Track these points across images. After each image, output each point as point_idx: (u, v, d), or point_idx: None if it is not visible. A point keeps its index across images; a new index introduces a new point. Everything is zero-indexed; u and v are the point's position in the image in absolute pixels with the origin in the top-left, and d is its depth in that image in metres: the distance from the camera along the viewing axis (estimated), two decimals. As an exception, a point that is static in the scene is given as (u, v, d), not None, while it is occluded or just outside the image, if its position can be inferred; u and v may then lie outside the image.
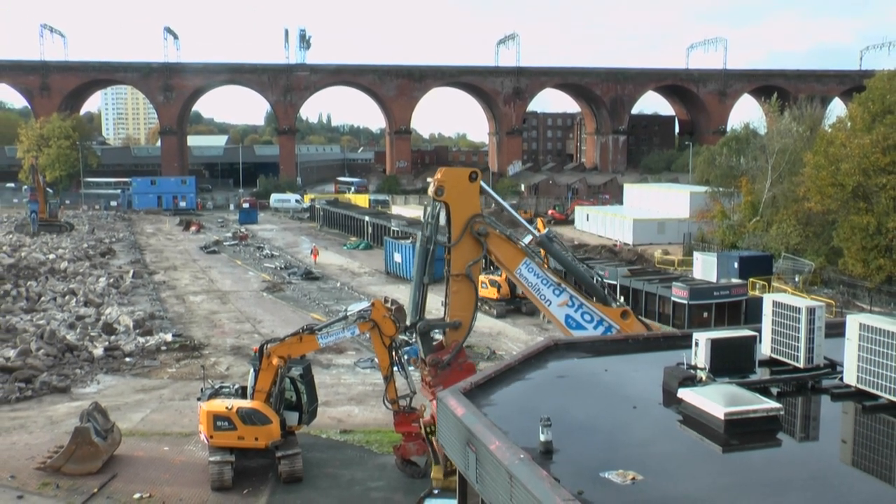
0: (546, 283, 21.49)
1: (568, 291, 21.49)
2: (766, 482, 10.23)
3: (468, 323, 21.19)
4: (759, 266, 55.33)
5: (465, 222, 20.98)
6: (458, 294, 21.08)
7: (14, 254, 74.85)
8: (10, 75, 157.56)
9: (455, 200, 21.02)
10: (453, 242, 20.99)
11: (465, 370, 20.63)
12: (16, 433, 31.60)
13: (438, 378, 20.32)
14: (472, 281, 21.11)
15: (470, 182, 21.29)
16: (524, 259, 21.61)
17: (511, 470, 9.98)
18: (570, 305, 21.36)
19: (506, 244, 21.64)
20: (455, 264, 21.01)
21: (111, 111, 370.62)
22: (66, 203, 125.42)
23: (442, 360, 20.38)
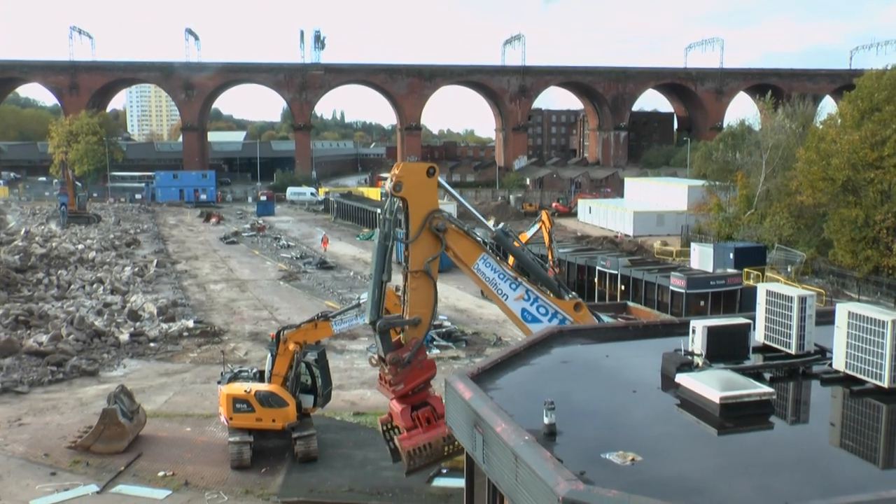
0: (503, 278, 20.79)
1: (524, 286, 20.76)
2: (758, 463, 10.25)
3: (427, 320, 20.02)
4: (753, 257, 55.18)
5: (423, 218, 19.85)
6: (417, 291, 19.98)
7: (46, 244, 75.05)
8: (41, 75, 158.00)
9: (413, 196, 19.83)
10: (412, 238, 19.88)
11: (425, 368, 19.71)
12: (48, 414, 31.78)
13: (399, 376, 19.28)
14: (431, 277, 20.02)
15: (428, 177, 20.12)
16: (482, 254, 20.71)
17: (516, 451, 10.02)
18: (526, 299, 20.65)
19: (464, 239, 20.63)
20: (414, 261, 19.98)
21: (136, 108, 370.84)
22: (94, 196, 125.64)
23: (402, 358, 19.17)
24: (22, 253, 66.04)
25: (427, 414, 19.58)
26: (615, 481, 9.21)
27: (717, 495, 9.10)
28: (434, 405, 19.58)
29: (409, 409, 19.48)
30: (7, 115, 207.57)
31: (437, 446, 19.35)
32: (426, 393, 19.90)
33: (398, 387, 19.25)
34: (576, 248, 63.94)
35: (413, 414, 19.52)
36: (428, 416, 19.55)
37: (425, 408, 19.68)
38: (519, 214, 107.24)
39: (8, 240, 77.22)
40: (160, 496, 24.44)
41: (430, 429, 19.40)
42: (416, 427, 19.44)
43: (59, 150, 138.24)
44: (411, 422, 19.42)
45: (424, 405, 19.76)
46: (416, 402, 19.68)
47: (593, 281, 53.82)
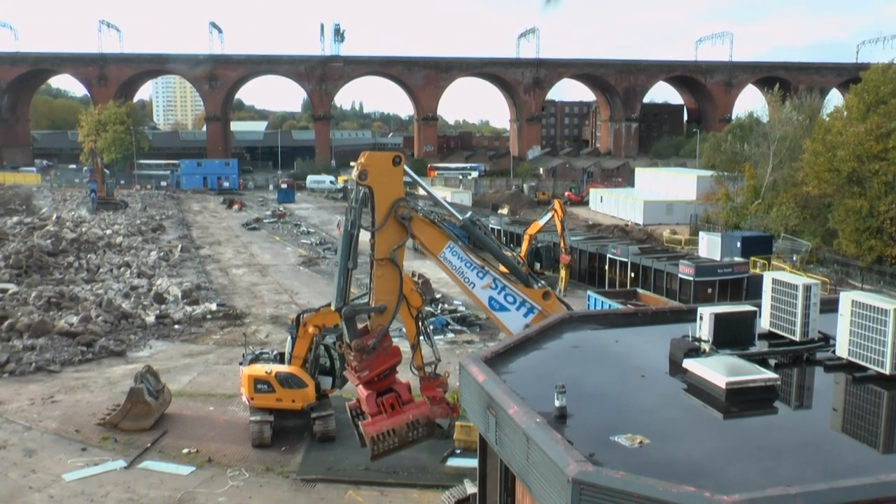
0: (470, 266, 20.25)
1: (491, 274, 20.25)
2: (763, 447, 10.25)
3: (393, 307, 19.67)
4: (759, 246, 54.89)
5: (389, 206, 19.50)
6: (383, 279, 19.70)
7: (76, 229, 75.54)
8: (72, 66, 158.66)
9: (379, 185, 19.48)
10: (377, 227, 19.54)
11: (390, 355, 19.38)
12: (79, 392, 32.09)
13: (364, 363, 18.96)
14: (397, 265, 19.69)
15: (394, 166, 19.68)
16: (448, 242, 20.24)
17: (528, 433, 10.05)
18: (493, 288, 20.14)
19: (430, 228, 20.20)
20: (379, 249, 19.68)
21: (161, 99, 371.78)
22: (121, 183, 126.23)
23: (367, 344, 18.86)
24: (54, 237, 66.51)
25: (391, 400, 19.15)
26: (623, 463, 9.24)
27: (723, 477, 9.11)
28: (399, 391, 19.18)
29: (375, 395, 19.06)
30: (40, 105, 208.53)
31: (401, 432, 18.96)
32: (392, 379, 19.47)
33: (363, 373, 18.83)
34: (587, 236, 63.79)
35: (378, 400, 19.08)
36: (392, 402, 19.12)
37: (390, 394, 19.22)
38: (532, 203, 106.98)
39: (41, 225, 77.76)
40: (184, 472, 24.66)
41: (395, 415, 18.98)
42: (380, 413, 19.01)
43: (88, 139, 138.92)
44: (376, 408, 19.00)
45: (390, 391, 19.30)
46: (381, 389, 19.23)
47: (604, 268, 53.71)
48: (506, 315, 19.99)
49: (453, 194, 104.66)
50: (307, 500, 23.00)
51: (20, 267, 53.52)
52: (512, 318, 19.94)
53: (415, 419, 19.02)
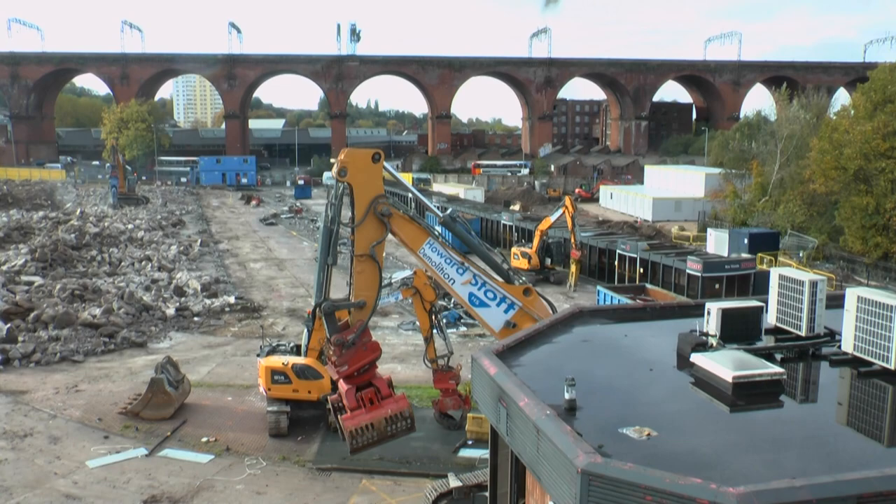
0: (449, 263, 19.94)
1: (471, 270, 19.96)
2: (768, 439, 10.21)
3: (372, 303, 19.35)
4: (766, 242, 54.64)
5: (368, 203, 19.15)
6: (363, 274, 19.36)
7: (99, 224, 75.94)
8: (95, 66, 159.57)
9: (358, 181, 19.17)
10: (357, 223, 19.21)
11: (369, 350, 19.06)
12: (101, 382, 32.31)
13: (343, 357, 18.65)
14: (376, 261, 19.35)
15: (373, 163, 19.34)
16: (427, 239, 19.93)
17: (538, 424, 10.05)
18: (473, 284, 19.88)
19: (409, 224, 19.85)
20: (359, 245, 19.36)
21: (182, 97, 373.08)
22: (143, 179, 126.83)
23: (346, 339, 18.57)
24: (77, 232, 66.89)
25: (370, 395, 18.92)
26: (632, 455, 9.22)
27: (728, 469, 9.08)
28: (379, 386, 18.94)
29: (354, 390, 18.84)
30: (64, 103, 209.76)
31: (379, 427, 18.75)
32: (371, 374, 19.22)
33: (342, 367, 18.61)
34: (597, 232, 63.67)
35: (358, 395, 18.87)
36: (371, 396, 18.89)
37: (369, 388, 19.00)
38: (543, 199, 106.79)
39: (65, 219, 78.23)
40: (203, 460, 24.81)
41: (373, 409, 18.76)
42: (360, 407, 18.80)
43: (111, 136, 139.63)
44: (355, 402, 18.78)
45: (370, 386, 19.09)
46: (361, 383, 19.02)
47: (614, 264, 53.60)
48: (486, 311, 19.72)
49: (466, 191, 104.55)
50: (322, 488, 23.11)
51: (45, 260, 53.88)
52: (492, 313, 19.72)
53: (393, 414, 18.71)
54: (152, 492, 22.54)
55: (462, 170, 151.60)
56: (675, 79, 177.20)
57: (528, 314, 19.61)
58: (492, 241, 70.57)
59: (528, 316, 19.59)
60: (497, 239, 70.09)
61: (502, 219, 70.31)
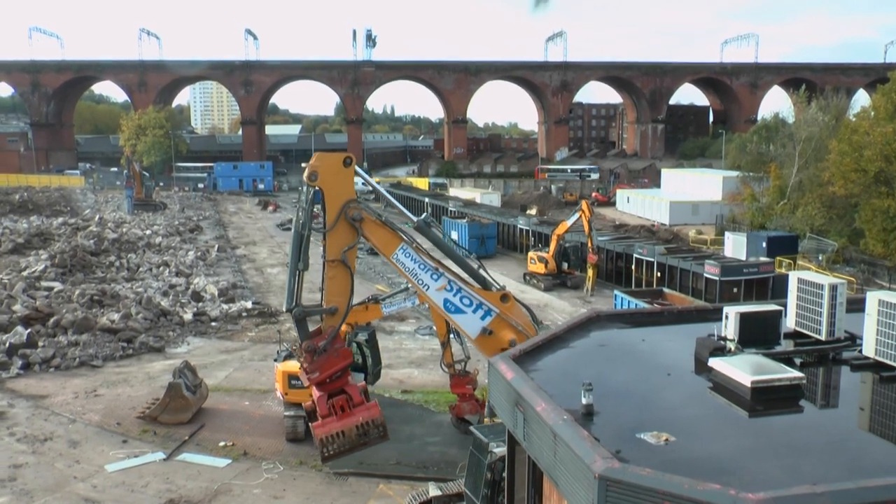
0: (423, 268, 19.42)
1: (446, 276, 19.41)
2: (788, 445, 10.11)
3: (344, 309, 19.02)
4: (785, 246, 54.25)
5: (339, 208, 18.73)
6: (334, 280, 19.06)
7: (117, 229, 76.49)
8: (113, 73, 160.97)
9: (329, 186, 18.79)
10: (328, 228, 18.82)
11: (341, 356, 18.65)
12: (120, 386, 32.51)
13: (314, 364, 18.24)
14: (348, 266, 19.01)
15: (344, 167, 18.94)
16: (400, 244, 19.43)
17: (555, 429, 10.01)
18: (448, 290, 19.30)
19: (381, 229, 19.38)
20: (330, 250, 18.97)
21: (199, 104, 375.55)
22: (160, 185, 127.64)
23: (317, 346, 18.23)
24: (96, 238, 67.41)
25: (342, 402, 18.59)
26: (649, 460, 9.17)
27: (747, 475, 9.00)
28: (351, 394, 18.67)
29: (326, 397, 18.54)
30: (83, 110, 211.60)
31: (350, 435, 18.41)
32: (344, 381, 18.84)
33: (313, 374, 18.30)
34: (614, 236, 63.45)
35: (329, 402, 18.57)
36: (342, 404, 18.57)
37: (341, 396, 18.68)
38: (560, 204, 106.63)
39: (84, 225, 78.87)
40: (221, 464, 24.89)
41: (344, 417, 18.42)
42: (331, 415, 18.49)
43: (128, 143, 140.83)
44: (327, 409, 18.47)
45: (342, 393, 18.77)
46: (333, 390, 18.68)
47: (631, 268, 53.39)
48: (462, 317, 19.29)
49: (482, 195, 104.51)
50: (339, 492, 23.12)
51: (65, 266, 54.31)
52: (468, 320, 19.29)
53: (364, 422, 18.36)
54: (170, 495, 22.64)
55: (478, 174, 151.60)
56: (692, 81, 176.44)
57: (505, 321, 19.16)
58: (508, 245, 70.52)
59: (506, 322, 19.17)
60: (514, 243, 70.01)
61: (519, 223, 70.23)
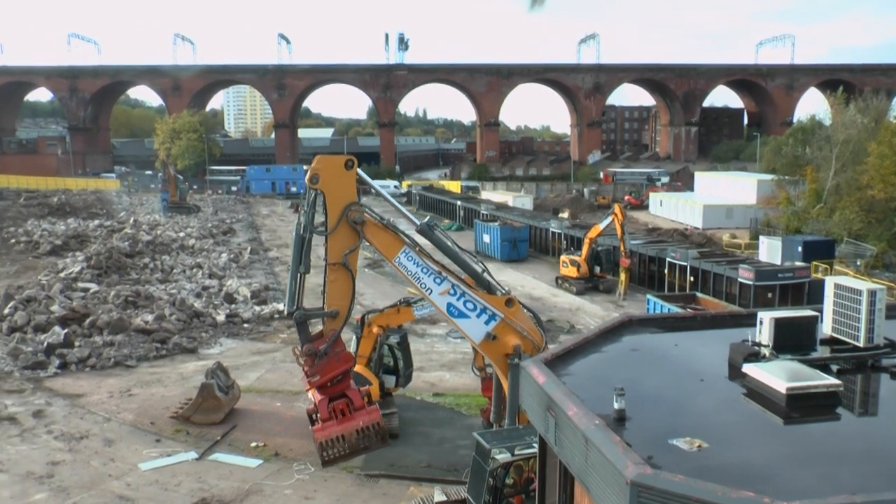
0: (426, 272, 19.25)
1: (449, 280, 19.24)
2: (825, 453, 9.97)
3: (345, 312, 18.81)
4: (821, 250, 53.48)
5: (340, 211, 18.63)
6: (336, 283, 18.81)
7: (151, 231, 77.39)
8: (148, 78, 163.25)
9: (330, 188, 18.67)
10: (329, 231, 18.67)
11: (341, 360, 18.51)
12: (153, 386, 32.90)
13: (315, 368, 18.14)
14: (349, 270, 18.80)
15: (346, 170, 18.85)
16: (403, 248, 19.30)
17: (587, 434, 9.97)
18: (451, 294, 19.12)
19: (382, 233, 19.25)
20: (332, 253, 18.75)
21: (232, 107, 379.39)
22: (194, 188, 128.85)
23: (318, 349, 18.11)
24: (131, 240, 68.28)
25: (342, 406, 18.52)
26: (682, 466, 9.09)
27: (782, 483, 8.89)
28: (352, 397, 18.59)
29: (327, 401, 18.48)
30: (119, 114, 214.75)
31: (350, 439, 18.34)
32: (345, 385, 18.76)
33: (314, 378, 18.27)
34: (647, 239, 63.02)
35: (329, 406, 18.51)
36: (343, 408, 18.50)
37: (342, 399, 18.59)
38: (592, 207, 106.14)
39: (119, 228, 79.95)
40: (252, 464, 25.08)
41: (344, 421, 18.35)
42: (331, 419, 18.44)
43: (163, 147, 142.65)
44: (327, 413, 18.42)
45: (343, 397, 18.69)
46: (334, 394, 18.62)
47: (663, 272, 52.97)
48: (465, 322, 19.14)
49: (515, 199, 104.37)
50: (370, 494, 23.18)
51: (100, 267, 55.09)
52: (472, 324, 19.14)
53: (365, 426, 18.26)
54: (202, 495, 22.85)
55: (511, 177, 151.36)
56: (726, 83, 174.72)
57: (510, 325, 19.00)
58: (540, 248, 70.33)
59: (511, 327, 19.01)
60: (546, 247, 69.80)
61: (551, 226, 70.02)
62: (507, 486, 15.93)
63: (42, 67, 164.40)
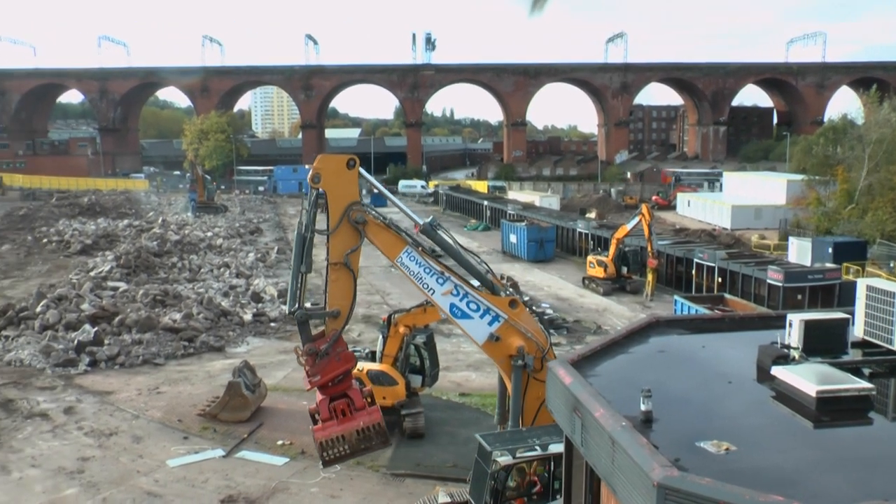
0: (428, 272, 19.25)
1: (452, 280, 19.16)
2: (856, 458, 9.84)
3: (347, 312, 18.83)
4: (853, 251, 52.78)
5: (342, 210, 18.59)
6: (337, 283, 18.86)
7: (179, 231, 78.07)
8: (176, 79, 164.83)
9: (332, 188, 18.60)
10: (331, 230, 18.63)
11: (343, 360, 18.41)
12: (181, 384, 33.21)
13: (316, 368, 18.11)
14: (351, 269, 18.83)
15: (348, 169, 18.74)
16: (405, 247, 19.35)
17: (614, 436, 9.92)
18: (454, 294, 19.06)
19: (384, 232, 19.27)
20: (333, 253, 18.76)
21: (259, 108, 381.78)
22: (222, 188, 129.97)
23: (319, 349, 18.11)
24: (159, 239, 68.96)
25: (342, 406, 18.41)
26: (709, 469, 9.02)
27: (812, 488, 8.79)
28: (353, 398, 18.50)
29: (328, 401, 18.43)
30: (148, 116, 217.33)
31: (350, 439, 18.23)
32: (347, 385, 18.69)
33: (314, 378, 18.25)
34: (674, 240, 62.60)
35: (330, 405, 18.43)
36: (343, 408, 18.39)
37: (343, 399, 18.51)
38: (620, 207, 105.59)
39: (147, 227, 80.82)
40: (279, 462, 25.23)
41: (345, 421, 18.25)
42: (332, 419, 18.37)
43: (191, 147, 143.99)
44: (328, 413, 18.35)
45: (345, 397, 18.61)
46: (335, 394, 18.54)
47: (691, 273, 52.58)
48: (469, 322, 19.09)
49: (542, 199, 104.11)
50: (396, 493, 23.23)
51: (129, 266, 55.70)
52: (475, 325, 19.07)
53: (365, 426, 18.19)
54: (229, 492, 23.03)
55: (537, 177, 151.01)
56: (756, 82, 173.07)
57: (513, 327, 18.87)
58: (567, 249, 70.09)
59: (514, 329, 18.87)
60: (573, 247, 69.56)
61: (578, 226, 69.76)
62: (510, 488, 15.81)
63: (73, 69, 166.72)
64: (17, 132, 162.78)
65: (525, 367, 18.49)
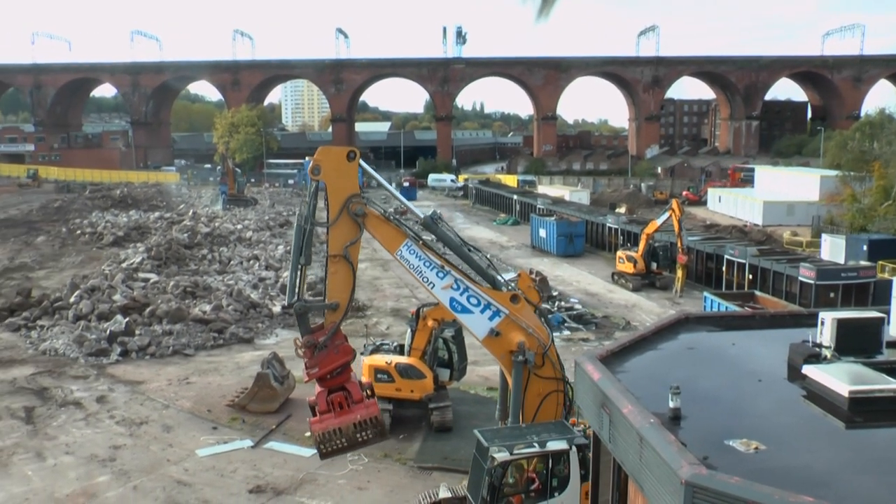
0: (429, 266, 19.05)
1: (452, 275, 18.97)
2: (889, 460, 9.72)
3: (345, 305, 18.72)
4: (889, 249, 51.86)
5: (342, 202, 18.45)
6: (336, 275, 18.76)
7: (210, 224, 78.67)
8: (208, 73, 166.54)
9: (332, 180, 18.52)
10: (331, 223, 18.52)
11: (341, 353, 18.38)
12: (210, 375, 33.57)
13: (314, 360, 18.08)
14: (350, 262, 18.76)
15: (348, 161, 18.65)
16: (405, 241, 19.12)
17: (642, 432, 9.89)
18: (454, 288, 18.86)
19: (384, 225, 19.07)
20: (332, 245, 18.67)
21: (290, 102, 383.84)
22: (252, 181, 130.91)
23: (317, 342, 18.03)
24: (190, 232, 69.61)
25: (340, 399, 18.36)
26: (738, 468, 8.96)
27: (843, 489, 8.70)
28: (351, 390, 18.42)
29: (326, 393, 18.38)
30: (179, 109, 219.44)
31: (347, 432, 18.17)
32: (345, 377, 18.60)
33: (313, 370, 18.23)
34: (705, 236, 62.00)
35: (328, 398, 18.38)
36: (341, 400, 18.34)
37: (340, 392, 18.45)
38: (650, 202, 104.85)
39: (178, 220, 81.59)
40: (306, 454, 25.40)
41: (342, 414, 18.21)
42: (329, 411, 18.32)
43: (221, 141, 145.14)
44: (325, 406, 18.31)
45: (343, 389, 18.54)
46: (333, 386, 18.49)
47: (721, 269, 52.08)
48: (469, 317, 18.94)
49: (571, 193, 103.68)
50: (423, 486, 23.28)
51: (160, 258, 56.32)
52: (476, 320, 18.92)
53: (362, 419, 18.15)
54: (257, 482, 23.27)
55: (567, 171, 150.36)
56: (789, 76, 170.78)
57: (514, 322, 18.70)
58: (596, 244, 69.76)
59: (515, 324, 18.72)
60: (602, 242, 69.21)
61: (608, 221, 69.38)
62: (508, 484, 15.73)
63: (106, 64, 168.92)
64: (53, 126, 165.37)
65: (526, 362, 18.35)
